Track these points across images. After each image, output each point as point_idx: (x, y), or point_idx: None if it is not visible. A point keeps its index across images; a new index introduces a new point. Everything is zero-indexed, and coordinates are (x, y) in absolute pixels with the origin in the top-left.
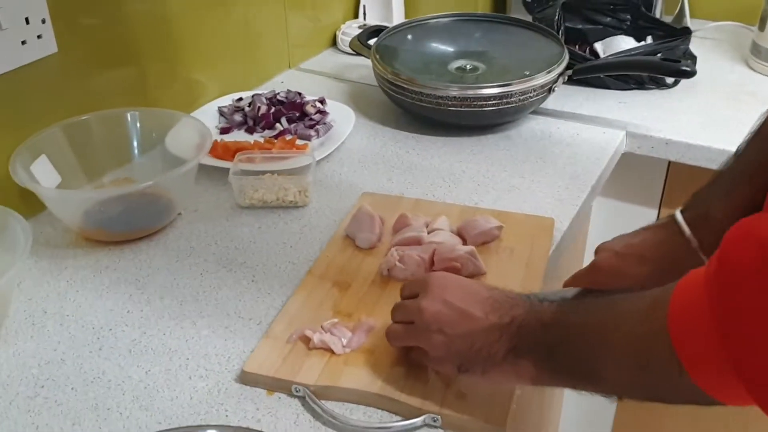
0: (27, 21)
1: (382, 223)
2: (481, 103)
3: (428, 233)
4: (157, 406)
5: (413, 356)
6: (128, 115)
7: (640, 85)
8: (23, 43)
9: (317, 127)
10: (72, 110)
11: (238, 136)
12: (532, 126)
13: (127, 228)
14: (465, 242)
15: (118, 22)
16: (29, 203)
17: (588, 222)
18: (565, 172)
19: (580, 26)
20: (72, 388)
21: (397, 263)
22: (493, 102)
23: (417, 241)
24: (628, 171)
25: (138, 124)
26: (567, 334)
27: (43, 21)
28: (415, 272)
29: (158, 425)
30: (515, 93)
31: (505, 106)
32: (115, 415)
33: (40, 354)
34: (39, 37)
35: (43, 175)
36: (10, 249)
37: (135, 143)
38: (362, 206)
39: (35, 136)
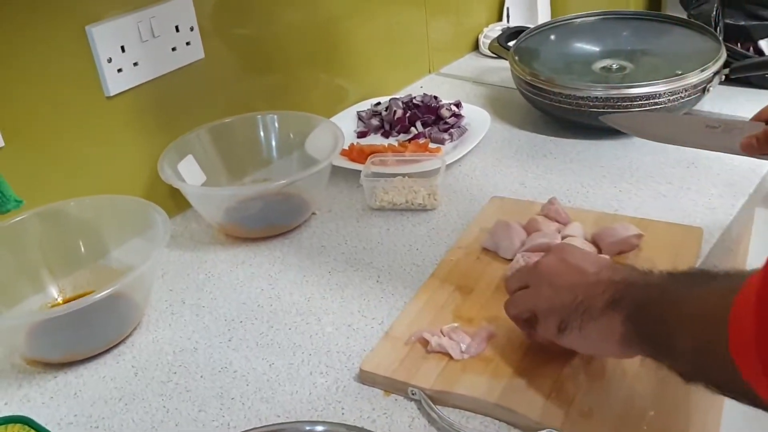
0: (177, 29)
1: (523, 230)
2: (626, 104)
3: (561, 240)
4: (277, 399)
5: (523, 329)
6: (268, 118)
7: None
8: (173, 49)
9: (451, 130)
10: (217, 113)
11: (375, 140)
12: None
13: (264, 225)
14: (600, 251)
15: (265, 30)
16: (177, 201)
17: (749, 234)
18: (719, 179)
19: (742, 23)
20: (201, 376)
21: None
22: (640, 103)
23: (547, 248)
24: None
25: (277, 127)
26: (656, 296)
27: (192, 29)
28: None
29: (277, 418)
30: (664, 93)
31: (654, 107)
32: (237, 404)
33: (175, 341)
34: (188, 44)
35: (189, 173)
36: (152, 240)
37: (274, 145)
38: (499, 219)
39: (183, 137)
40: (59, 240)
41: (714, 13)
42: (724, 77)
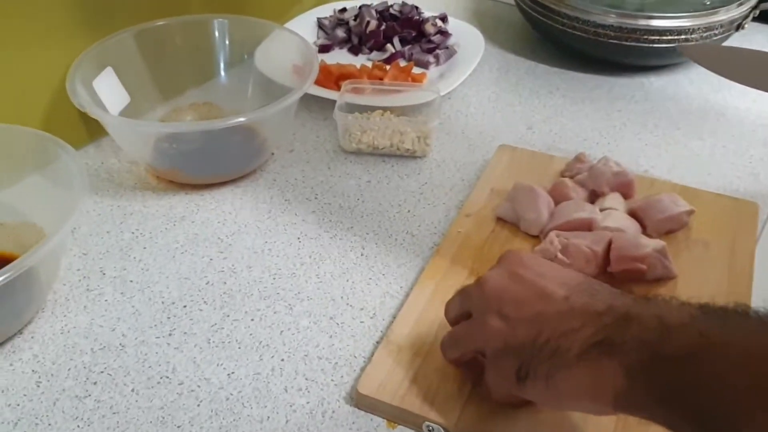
0: None
1: (551, 199)
2: (653, 38)
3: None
4: (241, 429)
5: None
6: (215, 22)
7: None
8: None
9: (437, 51)
10: (146, 14)
11: (340, 56)
12: (706, 71)
13: (209, 170)
14: (644, 230)
15: None
16: (90, 124)
17: None
18: (757, 137)
19: None
20: (133, 390)
21: (559, 254)
22: (669, 38)
23: (587, 226)
24: None
25: (226, 35)
26: (703, 348)
27: None
28: (583, 270)
29: None
30: (697, 29)
31: (683, 44)
32: None
33: (94, 333)
34: None
35: (107, 91)
36: (65, 185)
37: (221, 58)
38: (518, 182)
39: (100, 44)
40: None
41: None
42: (759, 13)
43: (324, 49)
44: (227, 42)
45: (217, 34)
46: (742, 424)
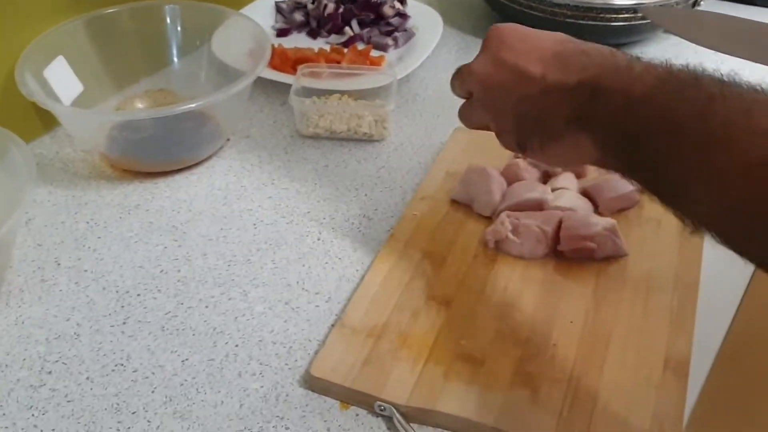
0: None
1: (504, 180)
2: (610, 16)
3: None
4: (195, 414)
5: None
6: (167, 8)
7: None
8: None
9: (396, 34)
10: (98, 1)
11: (299, 40)
12: (667, 49)
13: (163, 157)
14: (596, 208)
15: None
16: (44, 113)
17: None
18: None
19: None
20: (87, 378)
21: (510, 235)
22: (626, 16)
23: (538, 206)
24: None
25: (179, 21)
26: (659, 125)
27: None
28: (533, 250)
29: None
30: (652, 4)
31: (639, 22)
32: (141, 422)
33: (49, 323)
34: None
35: (59, 81)
36: (12, 174)
37: (174, 45)
38: (471, 164)
39: (51, 31)
40: None
41: None
42: None
43: (282, 33)
44: (179, 28)
45: (169, 20)
46: (690, 186)
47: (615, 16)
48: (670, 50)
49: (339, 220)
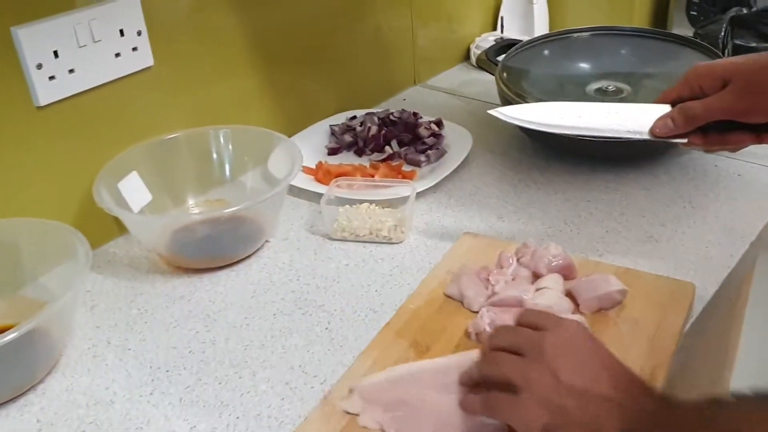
0: (122, 33)
1: (489, 279)
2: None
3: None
4: None
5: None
6: (221, 132)
7: None
8: (117, 55)
9: (429, 152)
10: (167, 127)
11: (347, 158)
12: (684, 162)
13: (209, 254)
14: (577, 307)
15: (229, 32)
16: (117, 218)
17: (749, 285)
18: (718, 223)
19: (753, 44)
20: None
21: (488, 328)
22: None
23: (518, 303)
24: None
25: (230, 143)
26: None
27: (139, 33)
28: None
29: None
30: None
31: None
32: None
33: (92, 391)
34: (134, 49)
35: (132, 192)
36: (74, 271)
37: (227, 164)
38: (464, 266)
39: (126, 152)
40: None
41: (722, 33)
42: None
43: (333, 151)
44: (235, 150)
45: (230, 142)
46: None
47: None
48: (688, 163)
49: (348, 312)
